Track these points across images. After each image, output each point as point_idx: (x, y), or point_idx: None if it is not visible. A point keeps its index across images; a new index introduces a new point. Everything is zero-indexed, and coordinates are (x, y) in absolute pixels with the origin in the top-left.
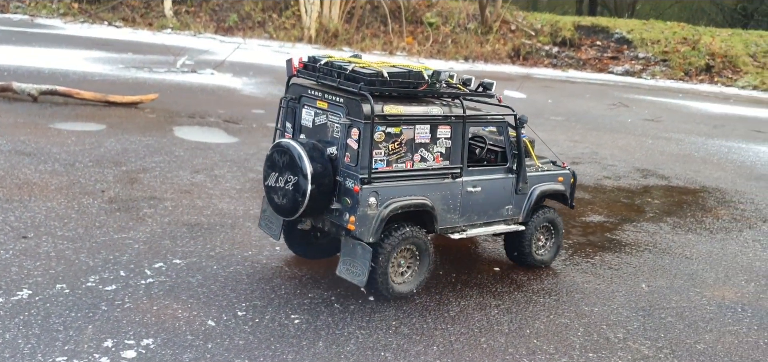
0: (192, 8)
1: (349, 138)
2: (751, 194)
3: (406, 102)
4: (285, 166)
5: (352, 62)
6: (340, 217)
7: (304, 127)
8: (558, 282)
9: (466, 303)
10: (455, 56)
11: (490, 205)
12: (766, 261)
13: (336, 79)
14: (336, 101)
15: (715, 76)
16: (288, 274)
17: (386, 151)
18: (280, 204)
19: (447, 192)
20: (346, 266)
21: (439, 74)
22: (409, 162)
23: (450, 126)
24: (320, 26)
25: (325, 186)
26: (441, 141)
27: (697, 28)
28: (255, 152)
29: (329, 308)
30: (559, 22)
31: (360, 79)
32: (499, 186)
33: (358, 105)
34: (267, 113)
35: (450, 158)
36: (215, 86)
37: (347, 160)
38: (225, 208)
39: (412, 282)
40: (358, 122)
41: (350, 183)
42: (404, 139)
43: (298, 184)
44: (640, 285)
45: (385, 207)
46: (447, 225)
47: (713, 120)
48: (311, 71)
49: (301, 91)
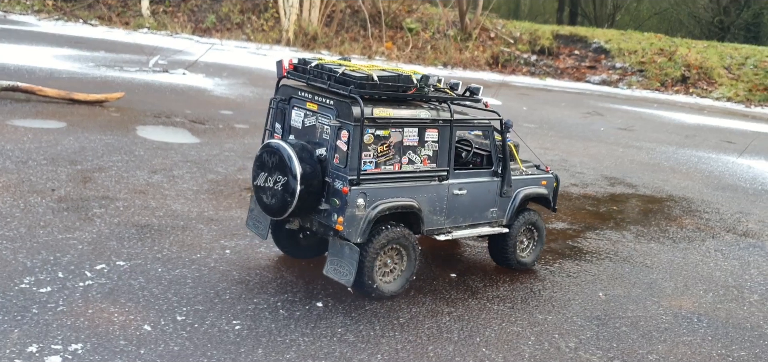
0: (170, 8)
1: (338, 140)
2: (717, 204)
3: (395, 105)
4: (275, 167)
5: (343, 65)
6: (328, 218)
7: (293, 128)
8: (514, 289)
9: (418, 310)
10: (434, 62)
11: (475, 208)
12: (727, 270)
13: (326, 82)
14: (326, 103)
15: (691, 87)
16: (235, 278)
17: (375, 153)
18: (269, 203)
19: (433, 194)
20: (333, 266)
21: (427, 78)
22: (397, 164)
23: (437, 129)
24: (299, 29)
25: (313, 187)
26: (428, 144)
27: (674, 40)
28: (217, 153)
29: (274, 314)
30: (538, 30)
31: (350, 82)
32: (484, 189)
33: (348, 107)
34: (235, 114)
35: (437, 161)
36: (186, 86)
37: (336, 161)
38: (179, 210)
39: (397, 282)
40: (347, 124)
41: (339, 184)
42: (393, 142)
43: (288, 184)
44: (597, 294)
45: (373, 208)
46: (433, 226)
47: (686, 130)
48: (301, 73)
49: (291, 93)
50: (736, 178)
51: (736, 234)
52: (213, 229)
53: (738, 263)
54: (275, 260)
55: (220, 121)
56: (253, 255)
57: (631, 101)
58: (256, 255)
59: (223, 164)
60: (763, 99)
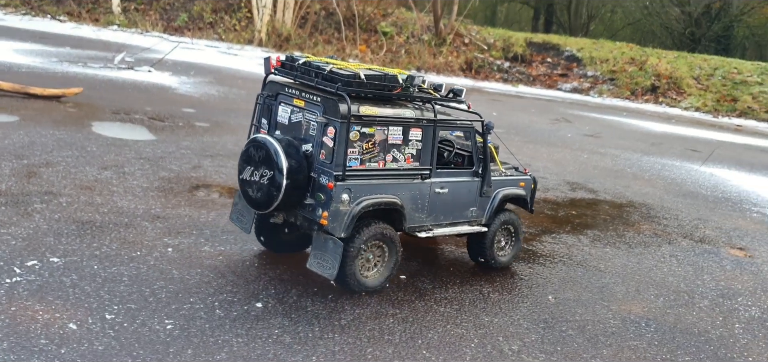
0: (141, 6)
1: (324, 136)
2: (676, 210)
3: (380, 104)
4: (261, 161)
5: (330, 63)
6: (312, 212)
7: (279, 123)
8: (463, 291)
9: (362, 311)
10: (408, 66)
11: (455, 206)
12: (680, 276)
13: (314, 79)
14: (313, 100)
15: (660, 97)
16: (174, 277)
17: (360, 150)
18: (255, 197)
19: (416, 192)
20: (316, 259)
21: (412, 79)
22: (381, 161)
23: (421, 129)
24: (272, 29)
25: (299, 182)
26: (412, 143)
27: (645, 50)
28: (173, 151)
29: (209, 314)
30: (512, 37)
31: (338, 80)
32: (465, 189)
33: (335, 104)
34: (197, 112)
35: (420, 160)
36: (150, 84)
37: (322, 156)
38: (124, 206)
39: (379, 277)
40: (334, 121)
41: (324, 179)
42: (377, 140)
43: (274, 179)
44: (546, 297)
45: (357, 204)
46: (415, 223)
47: (652, 138)
48: (289, 70)
49: (278, 89)
50: (697, 185)
51: (693, 240)
52: (158, 227)
53: (692, 268)
54: (218, 259)
55: (181, 119)
56: (196, 253)
57: (601, 109)
58: (200, 253)
59: (178, 162)
60: (730, 109)
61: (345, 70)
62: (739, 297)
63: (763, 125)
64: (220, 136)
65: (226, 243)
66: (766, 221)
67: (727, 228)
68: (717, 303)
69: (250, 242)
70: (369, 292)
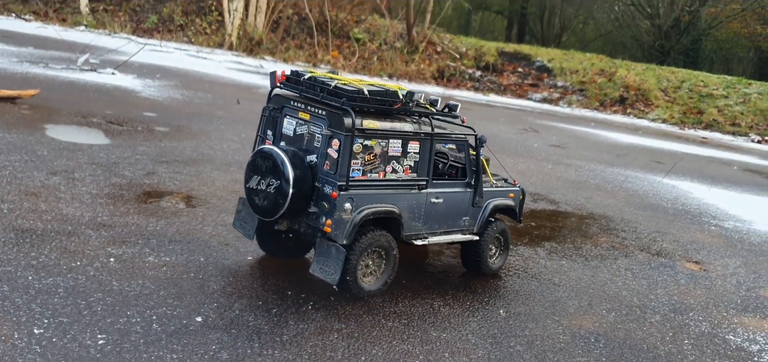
0: (110, 7)
1: (329, 147)
2: (635, 222)
3: (381, 118)
4: (268, 171)
5: (335, 78)
6: (316, 220)
7: (284, 135)
8: (413, 305)
9: (306, 326)
10: (380, 73)
11: (449, 216)
12: (633, 290)
13: (319, 94)
14: (318, 113)
15: (628, 108)
16: (114, 289)
17: (362, 162)
18: (261, 205)
19: (413, 201)
20: (319, 265)
21: (412, 94)
22: (381, 172)
23: (419, 142)
24: (243, 33)
25: (304, 191)
26: (411, 155)
27: (614, 61)
28: (129, 156)
29: (146, 329)
30: (484, 47)
31: (343, 95)
32: (459, 199)
33: (340, 118)
34: (159, 117)
35: (417, 171)
36: (112, 86)
37: (327, 167)
38: (70, 214)
39: (378, 283)
40: (339, 134)
41: (328, 189)
42: (378, 152)
43: (280, 188)
44: (498, 311)
45: (359, 212)
46: (411, 232)
47: (618, 149)
48: (294, 84)
49: (283, 102)
50: (658, 197)
51: (650, 253)
52: (102, 236)
53: (646, 282)
54: (162, 270)
55: (141, 123)
56: (140, 264)
57: (570, 119)
58: (143, 264)
59: (132, 168)
60: (696, 122)
61: (349, 86)
62: (690, 312)
63: (727, 138)
64: (179, 141)
65: (172, 254)
66: (724, 234)
67: (685, 241)
68: (668, 318)
69: (195, 252)
70: (368, 297)
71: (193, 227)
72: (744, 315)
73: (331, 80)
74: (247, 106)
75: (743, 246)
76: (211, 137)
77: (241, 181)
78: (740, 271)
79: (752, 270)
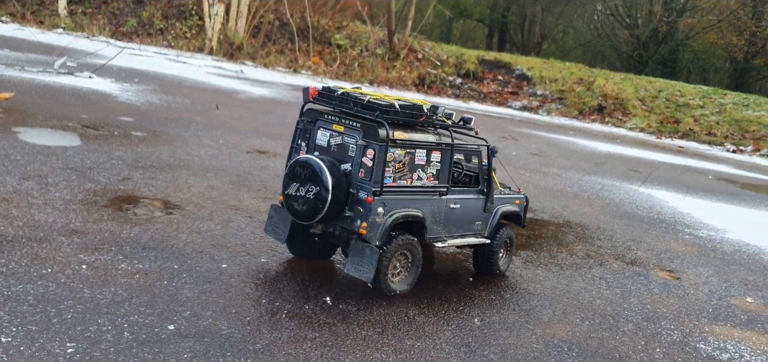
0: (89, 10)
1: (364, 157)
2: (611, 231)
3: (409, 130)
4: (307, 178)
5: (366, 94)
6: (351, 223)
7: (318, 146)
8: (388, 314)
9: (279, 335)
10: (361, 79)
11: (465, 220)
12: (607, 299)
13: (353, 108)
14: (353, 125)
15: (607, 117)
16: (85, 296)
17: (393, 170)
18: (301, 210)
19: (435, 207)
20: (354, 265)
21: (436, 109)
22: (409, 179)
23: (441, 152)
24: (224, 38)
25: (340, 197)
26: (433, 163)
27: (593, 70)
28: (104, 161)
29: (117, 337)
30: (465, 54)
31: (376, 109)
32: (473, 205)
33: (375, 130)
34: (136, 121)
35: (439, 178)
36: (89, 90)
37: (361, 175)
38: (42, 220)
39: (404, 282)
40: (374, 144)
41: (363, 194)
42: (407, 160)
43: (319, 194)
44: (472, 320)
45: (390, 216)
46: (433, 235)
47: (595, 157)
48: (327, 99)
49: (316, 116)
50: (634, 206)
51: (624, 262)
52: (74, 242)
53: (620, 291)
54: (135, 277)
55: (117, 128)
56: (112, 271)
57: (549, 128)
58: (116, 271)
59: (107, 173)
60: (673, 131)
61: (382, 100)
62: (663, 320)
63: (703, 147)
64: (155, 146)
65: (146, 261)
66: (697, 243)
67: (659, 250)
68: (641, 327)
69: (169, 260)
70: (397, 295)
71: (167, 234)
72: (715, 323)
73: (363, 95)
74: (225, 112)
75: (716, 255)
76: (188, 143)
77: (218, 188)
78: (713, 280)
79: (724, 278)
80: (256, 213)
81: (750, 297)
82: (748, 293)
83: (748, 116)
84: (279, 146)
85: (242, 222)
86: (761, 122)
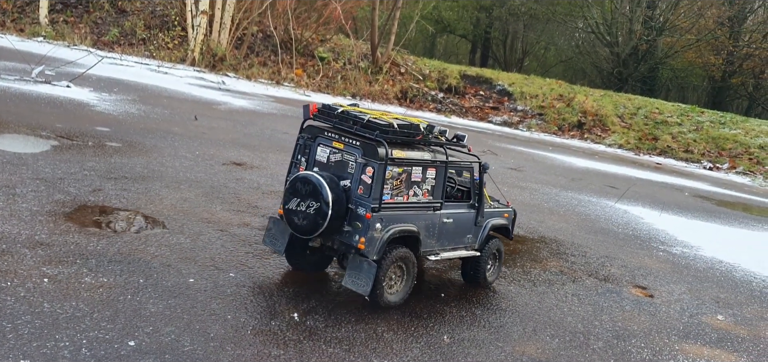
0: (71, 18)
1: (363, 174)
2: (585, 246)
3: (406, 148)
4: (308, 194)
5: (366, 113)
6: (350, 237)
7: (318, 161)
8: (356, 330)
9: (243, 352)
10: (343, 92)
11: (457, 234)
12: (579, 316)
13: (352, 126)
14: (353, 143)
15: (586, 133)
16: (43, 311)
17: (391, 187)
18: (301, 224)
19: (430, 221)
20: (352, 278)
21: (432, 128)
22: (405, 196)
23: (436, 168)
24: (207, 49)
25: (339, 212)
26: (428, 180)
27: (573, 87)
28: (76, 171)
29: (74, 354)
30: (447, 69)
31: (376, 128)
32: (464, 219)
33: (374, 148)
34: (112, 131)
35: (433, 194)
36: (66, 99)
37: (360, 191)
38: (6, 231)
39: (399, 294)
40: (373, 162)
41: (362, 210)
42: (404, 178)
43: (320, 209)
44: (442, 337)
45: (387, 231)
46: (427, 248)
47: (573, 173)
48: (326, 117)
49: (316, 132)
50: (610, 222)
51: (597, 278)
52: (38, 255)
53: (592, 309)
54: (99, 291)
55: (92, 138)
56: (75, 285)
57: (529, 143)
58: (79, 285)
59: (77, 184)
60: (651, 148)
61: (381, 120)
62: (633, 338)
63: (680, 164)
64: (130, 157)
65: (111, 275)
66: (671, 260)
67: (633, 266)
68: (611, 344)
69: (135, 273)
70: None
71: (135, 247)
72: (685, 341)
73: (363, 115)
74: (204, 123)
75: (689, 272)
76: (164, 154)
77: (190, 200)
78: (685, 297)
79: (696, 296)
80: (228, 226)
81: (721, 315)
82: (719, 311)
83: (724, 134)
84: (256, 158)
85: (213, 235)
86: (737, 140)
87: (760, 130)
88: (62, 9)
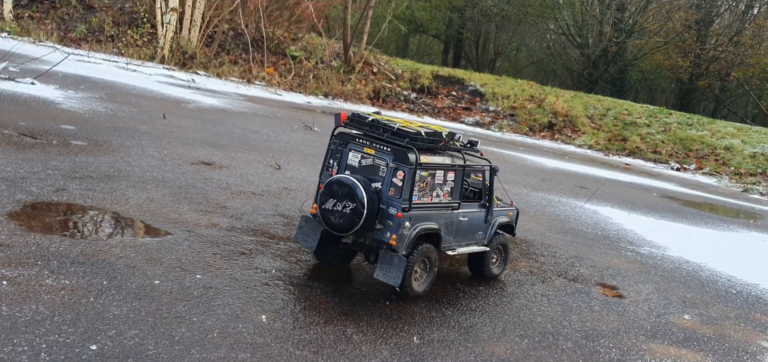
0: (37, 14)
1: (394, 177)
2: (555, 247)
3: (431, 153)
4: (344, 195)
5: (395, 121)
6: (381, 234)
7: (349, 165)
8: (325, 332)
9: (208, 355)
10: (315, 91)
11: (470, 231)
12: (547, 317)
13: (383, 133)
14: (384, 149)
15: (557, 134)
16: (2, 315)
17: (418, 189)
18: (337, 223)
19: (449, 220)
20: (383, 271)
21: (453, 135)
22: (430, 197)
23: (455, 172)
24: (177, 47)
25: (373, 212)
26: (448, 182)
27: (544, 88)
28: (39, 171)
29: (32, 359)
30: (420, 69)
31: (405, 135)
32: (477, 217)
33: (405, 154)
34: (77, 130)
35: (452, 195)
36: (30, 97)
37: (391, 193)
38: None
39: (423, 285)
40: (404, 167)
41: (393, 210)
42: (428, 180)
43: (356, 209)
44: (411, 338)
45: (414, 229)
46: (446, 244)
47: (544, 173)
48: (357, 124)
49: (347, 139)
50: (579, 222)
51: (567, 278)
52: None
53: (561, 309)
54: (60, 294)
55: (56, 136)
56: (36, 287)
57: (501, 143)
58: (40, 287)
59: (40, 183)
60: (620, 148)
61: (409, 128)
62: (602, 338)
63: (649, 165)
64: (96, 156)
65: (73, 276)
66: (639, 260)
67: (602, 266)
68: (580, 344)
69: (99, 275)
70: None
71: (99, 248)
72: (653, 341)
73: (393, 123)
74: (173, 121)
75: (657, 272)
76: (130, 153)
77: (157, 200)
78: (652, 297)
79: (663, 295)
80: (195, 227)
81: (687, 314)
82: (686, 310)
83: (691, 135)
84: (226, 158)
85: (180, 236)
86: (704, 141)
87: (726, 131)
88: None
